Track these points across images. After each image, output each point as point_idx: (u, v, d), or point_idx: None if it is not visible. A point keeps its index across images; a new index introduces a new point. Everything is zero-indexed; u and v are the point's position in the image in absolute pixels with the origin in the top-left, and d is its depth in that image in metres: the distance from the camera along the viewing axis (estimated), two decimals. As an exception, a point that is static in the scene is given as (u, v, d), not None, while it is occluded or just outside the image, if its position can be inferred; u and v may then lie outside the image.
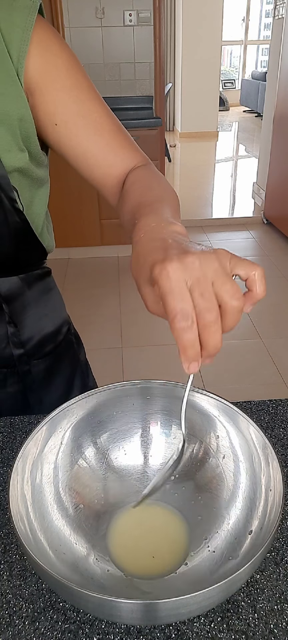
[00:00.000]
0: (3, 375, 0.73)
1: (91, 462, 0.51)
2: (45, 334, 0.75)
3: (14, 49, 0.54)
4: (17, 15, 0.54)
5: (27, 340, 0.73)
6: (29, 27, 0.54)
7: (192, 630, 0.40)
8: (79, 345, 0.84)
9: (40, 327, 0.74)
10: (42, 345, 0.75)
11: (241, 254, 1.85)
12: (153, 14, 3.06)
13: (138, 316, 2.69)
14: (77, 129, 0.59)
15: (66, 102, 0.58)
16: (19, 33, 0.54)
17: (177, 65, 7.16)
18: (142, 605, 0.34)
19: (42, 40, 0.56)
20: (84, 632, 0.40)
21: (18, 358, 0.72)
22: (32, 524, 0.42)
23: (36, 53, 0.55)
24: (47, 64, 0.56)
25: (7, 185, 0.58)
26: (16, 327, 0.71)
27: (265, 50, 9.98)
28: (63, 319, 0.79)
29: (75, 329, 0.84)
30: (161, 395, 0.53)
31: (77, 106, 0.58)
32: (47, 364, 0.76)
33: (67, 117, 0.58)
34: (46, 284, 0.75)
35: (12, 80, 0.54)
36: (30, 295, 0.72)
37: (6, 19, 0.53)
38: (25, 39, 0.54)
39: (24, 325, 0.72)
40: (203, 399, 0.51)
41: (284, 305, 2.80)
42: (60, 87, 0.57)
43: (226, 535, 0.44)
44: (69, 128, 0.59)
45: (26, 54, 0.54)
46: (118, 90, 3.33)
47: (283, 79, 3.41)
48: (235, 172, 5.82)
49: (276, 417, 0.63)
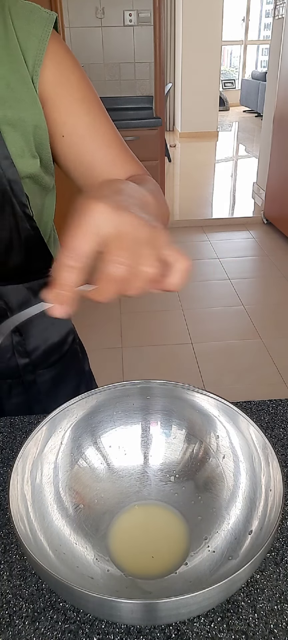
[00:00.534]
0: (8, 386, 0.72)
1: (91, 462, 0.51)
2: (51, 344, 0.75)
3: (30, 57, 0.55)
4: (35, 25, 0.56)
5: (32, 350, 0.72)
6: (45, 37, 0.56)
7: (192, 630, 0.40)
8: (83, 355, 0.84)
9: (45, 337, 0.74)
10: (47, 355, 0.75)
11: (241, 254, 1.86)
12: (153, 14, 3.06)
13: (138, 316, 2.69)
14: (85, 141, 0.60)
15: (76, 115, 0.59)
16: (35, 42, 0.55)
17: (177, 65, 7.16)
18: (142, 605, 0.34)
19: (57, 53, 0.57)
20: (84, 632, 0.40)
21: (23, 368, 0.72)
22: (32, 524, 0.42)
23: (50, 64, 0.57)
24: (61, 76, 0.58)
25: (20, 191, 0.58)
26: (21, 336, 0.70)
27: (265, 50, 9.98)
28: (68, 329, 0.79)
29: (79, 339, 0.84)
30: (161, 395, 0.53)
31: (86, 119, 0.59)
32: (53, 374, 0.76)
33: (75, 129, 0.59)
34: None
35: (27, 87, 0.56)
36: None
37: (23, 28, 0.55)
38: (41, 49, 0.56)
39: (29, 334, 0.71)
40: (203, 399, 0.51)
41: (284, 305, 2.80)
42: (72, 100, 0.58)
43: (226, 535, 0.44)
44: (76, 140, 0.60)
45: (41, 64, 0.56)
46: (118, 90, 3.33)
47: (283, 79, 3.41)
48: (235, 172, 5.82)
49: (276, 417, 0.63)
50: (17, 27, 0.55)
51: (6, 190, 0.57)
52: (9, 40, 0.55)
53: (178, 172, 5.76)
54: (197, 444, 0.51)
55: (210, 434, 0.51)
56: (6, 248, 0.62)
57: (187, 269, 0.37)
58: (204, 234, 3.83)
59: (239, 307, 2.78)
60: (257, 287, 3.08)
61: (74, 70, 0.59)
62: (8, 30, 0.55)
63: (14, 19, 0.55)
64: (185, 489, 0.50)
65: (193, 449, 0.51)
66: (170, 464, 0.52)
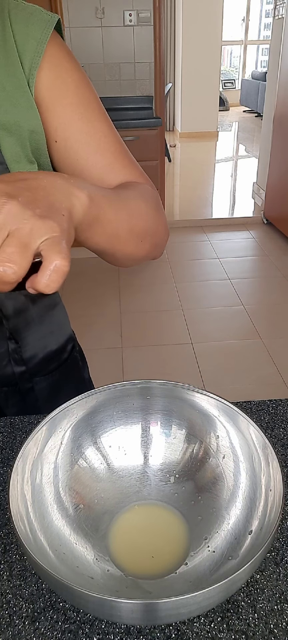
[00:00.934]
0: (4, 395, 0.71)
1: (91, 462, 0.51)
2: (49, 352, 0.73)
3: (27, 60, 0.54)
4: (33, 27, 0.54)
5: (29, 358, 0.71)
6: (44, 40, 0.54)
7: (192, 630, 0.40)
8: (83, 363, 0.83)
9: (43, 345, 0.72)
10: (45, 363, 0.73)
11: (241, 254, 1.86)
12: (153, 14, 3.06)
13: (138, 316, 2.69)
14: (78, 146, 0.58)
15: (70, 119, 0.57)
16: (33, 45, 0.54)
17: (177, 65, 7.16)
18: (142, 605, 0.34)
19: (54, 55, 0.56)
20: (84, 632, 0.40)
21: (20, 376, 0.70)
22: (32, 524, 0.42)
23: (47, 67, 0.55)
24: (56, 79, 0.56)
25: None
26: (17, 343, 0.69)
27: (265, 50, 9.99)
28: (68, 336, 0.78)
29: (79, 346, 0.82)
30: (161, 395, 0.53)
31: (81, 123, 0.57)
32: (51, 382, 0.74)
33: (68, 134, 0.57)
34: (51, 299, 0.73)
35: (23, 90, 0.54)
36: (34, 311, 0.70)
37: (22, 31, 0.54)
38: (39, 52, 0.54)
39: (26, 342, 0.70)
40: (203, 399, 0.51)
41: (284, 305, 2.80)
42: (66, 104, 0.57)
43: (226, 535, 0.44)
44: (69, 146, 0.58)
45: (38, 67, 0.54)
46: (118, 90, 3.33)
47: (283, 79, 3.41)
48: (235, 172, 5.82)
49: (276, 417, 0.63)
50: (15, 30, 0.54)
51: None
52: (6, 43, 0.54)
53: (178, 172, 5.76)
54: (197, 444, 0.51)
55: (210, 434, 0.51)
56: None
57: (60, 270, 0.34)
58: (204, 234, 3.83)
59: (239, 307, 2.78)
60: (257, 287, 3.08)
61: (71, 73, 0.57)
62: (6, 33, 0.54)
63: (12, 22, 0.54)
64: (185, 489, 0.50)
65: (193, 449, 0.51)
66: (170, 464, 0.52)
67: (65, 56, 0.57)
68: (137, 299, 2.86)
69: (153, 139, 2.95)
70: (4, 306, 0.65)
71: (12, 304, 0.66)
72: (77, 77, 0.58)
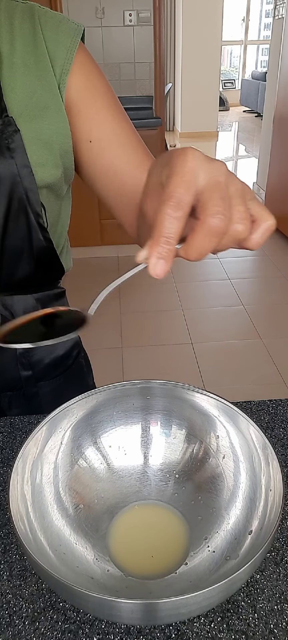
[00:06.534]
0: (8, 399, 0.71)
1: (91, 462, 0.51)
2: (55, 357, 0.74)
3: (58, 65, 0.57)
4: (63, 35, 0.58)
5: (36, 362, 0.71)
6: (74, 47, 0.58)
7: (192, 630, 0.40)
8: (88, 369, 0.83)
9: (50, 349, 0.73)
10: (51, 368, 0.73)
11: (241, 253, 1.86)
12: (153, 14, 3.06)
13: (138, 316, 2.69)
14: (112, 146, 0.61)
15: (103, 121, 0.60)
16: (63, 51, 0.57)
17: (177, 65, 7.16)
18: (142, 605, 0.34)
19: (83, 62, 0.59)
20: (84, 632, 0.40)
21: (26, 380, 0.71)
22: (32, 524, 0.42)
23: (78, 72, 0.58)
24: (87, 83, 0.59)
25: (36, 201, 0.58)
26: None
27: (265, 50, 9.98)
28: (74, 341, 0.78)
29: (85, 352, 0.83)
30: (161, 395, 0.53)
31: (113, 125, 0.61)
32: (54, 387, 0.74)
33: (102, 134, 0.60)
34: (60, 304, 0.74)
35: (53, 94, 0.57)
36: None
37: (52, 38, 0.57)
38: (69, 58, 0.57)
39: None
40: (203, 399, 0.51)
41: (284, 305, 2.80)
42: (99, 106, 0.60)
43: (226, 535, 0.44)
44: (103, 145, 0.61)
45: (69, 72, 0.57)
46: (118, 90, 3.33)
47: (283, 79, 3.41)
48: (235, 172, 5.82)
49: (276, 417, 0.63)
50: (46, 36, 0.57)
51: (22, 199, 0.57)
52: (37, 48, 0.56)
53: (178, 172, 5.75)
54: (197, 444, 0.51)
55: (210, 434, 0.51)
56: (16, 258, 0.61)
57: (271, 227, 0.36)
58: (204, 234, 3.82)
59: (239, 307, 2.78)
60: (257, 287, 3.08)
61: (100, 78, 0.61)
62: (37, 38, 0.56)
63: (43, 28, 0.57)
64: (185, 489, 0.50)
65: (193, 449, 0.51)
66: (170, 464, 0.52)
67: (92, 62, 0.61)
68: (137, 299, 2.86)
69: (153, 139, 2.95)
70: (14, 310, 0.66)
71: (22, 307, 0.66)
72: (104, 81, 0.62)
